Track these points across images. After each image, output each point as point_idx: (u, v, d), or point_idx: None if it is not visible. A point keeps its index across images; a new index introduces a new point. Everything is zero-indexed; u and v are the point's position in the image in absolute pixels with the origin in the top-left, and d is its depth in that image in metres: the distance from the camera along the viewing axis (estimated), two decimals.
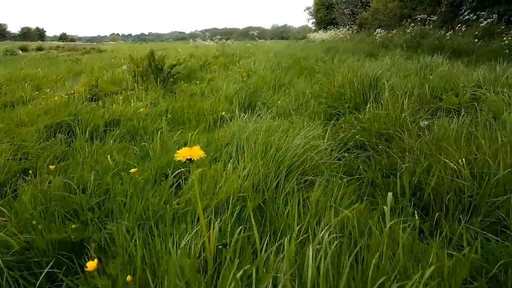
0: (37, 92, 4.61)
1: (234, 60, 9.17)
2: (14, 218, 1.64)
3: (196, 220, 1.50)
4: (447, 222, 1.89)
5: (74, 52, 22.81)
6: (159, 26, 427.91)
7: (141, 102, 3.90)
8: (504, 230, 1.74)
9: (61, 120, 3.21)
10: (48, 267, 1.31)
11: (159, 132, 2.96)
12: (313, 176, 1.98)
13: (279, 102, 4.26)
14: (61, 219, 1.67)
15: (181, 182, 1.97)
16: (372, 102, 3.72)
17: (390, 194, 1.61)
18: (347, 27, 20.77)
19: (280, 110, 3.92)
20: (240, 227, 1.28)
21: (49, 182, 1.98)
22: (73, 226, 1.57)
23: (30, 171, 2.09)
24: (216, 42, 21.75)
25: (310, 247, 1.01)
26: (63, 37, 77.31)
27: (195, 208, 1.59)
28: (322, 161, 2.14)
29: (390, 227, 1.50)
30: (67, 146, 2.76)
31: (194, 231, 1.30)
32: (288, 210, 1.61)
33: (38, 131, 2.95)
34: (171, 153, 2.38)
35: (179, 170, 2.01)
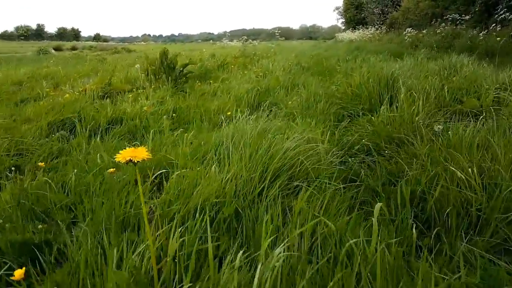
0: (48, 90, 4.69)
1: (254, 60, 9.07)
2: None
3: (164, 224, 1.40)
4: (450, 238, 1.70)
5: (105, 52, 23.48)
6: (189, 27, 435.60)
7: (148, 101, 3.87)
8: None
9: (65, 117, 3.21)
10: (2, 270, 1.24)
11: (157, 131, 2.91)
12: (302, 182, 1.84)
13: (289, 102, 4.13)
14: (34, 219, 1.62)
15: (163, 183, 1.89)
16: (387, 104, 3.52)
17: (378, 205, 1.46)
18: (376, 26, 20.23)
19: (289, 111, 3.78)
20: (198, 237, 1.16)
21: (36, 180, 1.95)
22: (40, 226, 1.51)
23: (13, 168, 2.07)
24: (243, 43, 21.76)
25: (259, 267, 0.89)
26: (97, 38, 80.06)
27: (165, 213, 1.50)
28: (315, 166, 2.00)
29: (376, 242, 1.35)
30: (66, 144, 2.75)
31: (146, 241, 1.20)
32: (267, 219, 1.49)
33: (40, 128, 2.96)
34: (165, 152, 2.30)
35: (163, 171, 1.93)
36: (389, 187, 2.15)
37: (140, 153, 1.00)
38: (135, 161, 0.98)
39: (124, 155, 0.99)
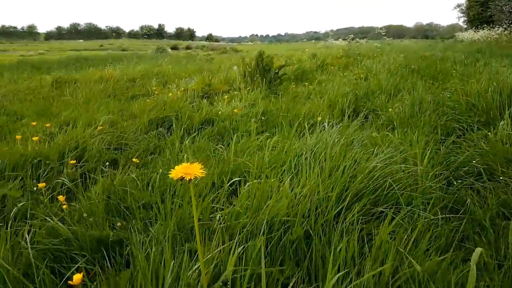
0: (154, 88, 5.11)
1: (357, 60, 8.64)
2: (80, 207, 1.74)
3: (227, 239, 1.35)
4: None
5: (214, 52, 25.04)
6: (295, 26, 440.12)
7: (240, 103, 3.92)
8: None
9: (165, 115, 3.43)
10: (75, 268, 1.31)
11: (243, 134, 2.91)
12: (389, 208, 1.61)
13: (390, 110, 3.78)
14: (116, 215, 1.72)
15: (238, 190, 1.84)
16: (509, 119, 2.99)
17: (478, 250, 1.19)
18: (505, 26, 17.65)
19: (388, 119, 3.46)
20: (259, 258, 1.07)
21: (126, 175, 2.09)
22: (119, 224, 1.59)
23: (109, 162, 2.24)
24: (348, 42, 21.05)
25: None
26: (209, 38, 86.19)
27: (232, 225, 1.45)
28: (407, 190, 1.74)
29: None
30: (162, 141, 2.91)
31: (209, 255, 1.15)
32: (341, 248, 1.33)
33: (142, 124, 3.20)
34: (247, 157, 2.27)
35: (238, 179, 1.89)
36: (500, 221, 1.78)
37: (193, 170, 0.95)
38: (186, 179, 0.94)
39: (177, 171, 0.95)
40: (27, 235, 1.39)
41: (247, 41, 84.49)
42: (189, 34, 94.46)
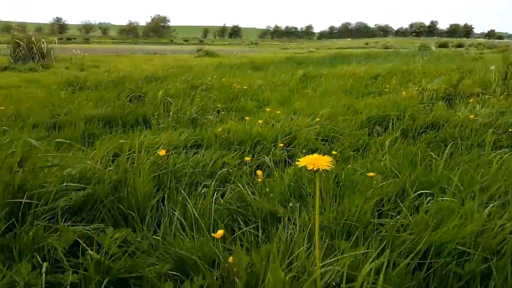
0: (388, 86, 4.88)
1: None
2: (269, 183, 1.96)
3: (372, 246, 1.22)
4: None
5: (490, 50, 21.35)
6: None
7: (487, 109, 3.25)
8: None
9: (386, 114, 3.29)
10: (241, 231, 1.51)
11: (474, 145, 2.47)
12: None
13: None
14: (296, 197, 1.85)
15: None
16: None
17: None
18: None
19: None
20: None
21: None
22: (290, 204, 1.71)
23: (304, 151, 2.38)
24: None
25: None
26: (489, 34, 73.52)
27: (393, 237, 1.28)
28: None
29: None
30: (372, 139, 2.83)
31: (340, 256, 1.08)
32: None
33: (360, 120, 3.19)
34: (459, 172, 1.93)
35: (427, 191, 1.64)
36: None
37: (320, 162, 0.92)
38: (309, 168, 0.92)
39: (305, 160, 0.95)
40: (216, 195, 1.71)
41: None
42: (465, 31, 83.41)
